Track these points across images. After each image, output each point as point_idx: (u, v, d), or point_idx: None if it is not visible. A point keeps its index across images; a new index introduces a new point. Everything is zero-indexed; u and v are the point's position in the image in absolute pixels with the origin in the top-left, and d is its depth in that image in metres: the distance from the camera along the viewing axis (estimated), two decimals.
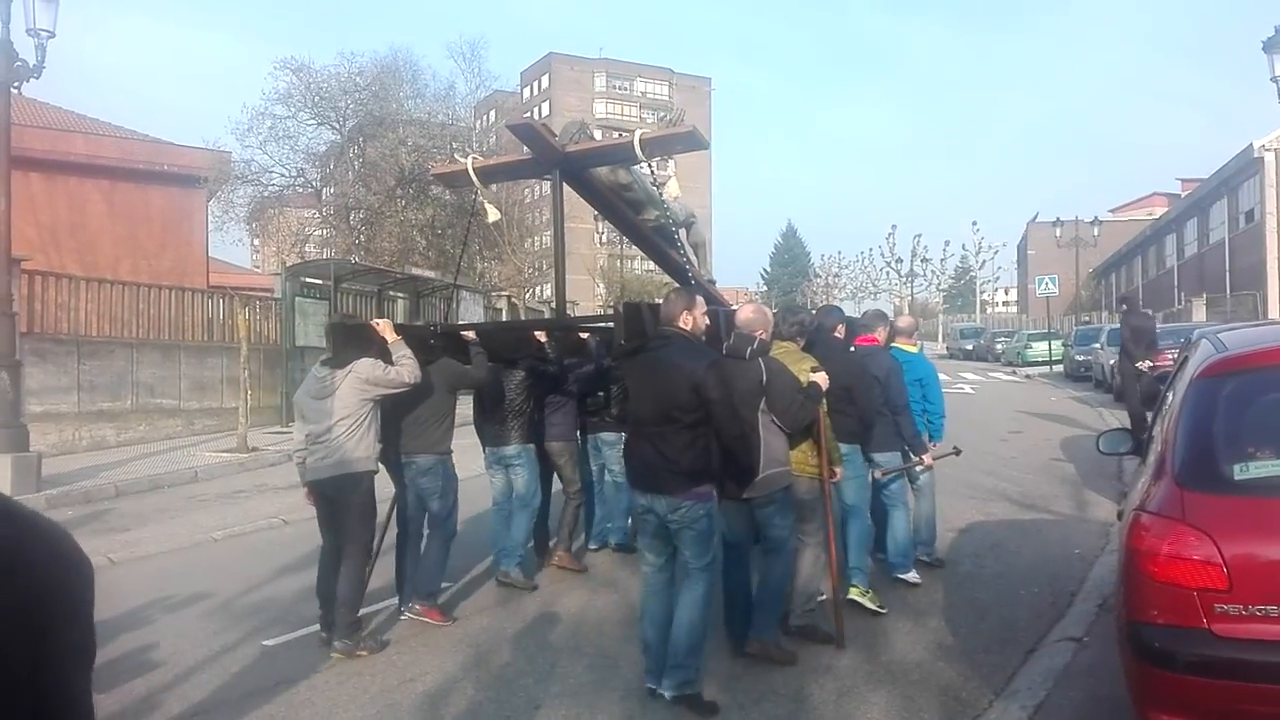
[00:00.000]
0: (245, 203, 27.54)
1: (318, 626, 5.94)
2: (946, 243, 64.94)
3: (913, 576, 6.76)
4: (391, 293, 20.56)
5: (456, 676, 5.29)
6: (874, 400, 6.33)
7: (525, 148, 6.75)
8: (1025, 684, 4.85)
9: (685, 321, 4.87)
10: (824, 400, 5.42)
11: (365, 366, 5.74)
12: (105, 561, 8.31)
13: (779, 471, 5.22)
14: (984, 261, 62.46)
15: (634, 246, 9.88)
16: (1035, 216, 58.80)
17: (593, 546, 7.91)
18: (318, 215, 30.10)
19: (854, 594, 6.15)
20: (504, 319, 24.96)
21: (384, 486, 6.21)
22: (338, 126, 27.61)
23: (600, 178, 7.07)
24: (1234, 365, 3.45)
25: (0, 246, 11.09)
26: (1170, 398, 3.91)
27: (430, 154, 28.75)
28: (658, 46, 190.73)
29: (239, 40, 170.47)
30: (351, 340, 5.92)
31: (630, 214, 7.43)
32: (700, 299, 5.09)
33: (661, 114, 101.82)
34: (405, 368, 5.85)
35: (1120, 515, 3.94)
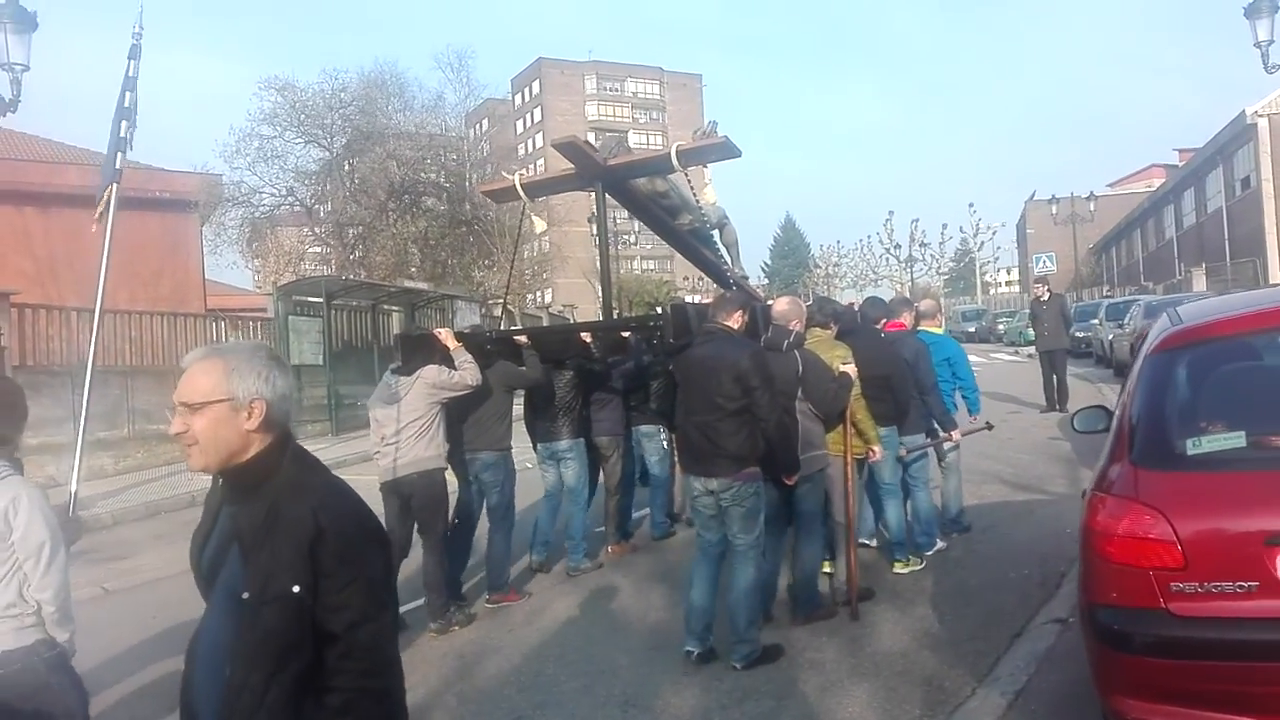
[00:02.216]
0: (237, 225, 27.57)
1: None
2: (944, 226, 64.44)
3: (939, 545, 7.11)
4: (386, 306, 20.54)
5: (439, 690, 5.26)
6: (908, 385, 6.70)
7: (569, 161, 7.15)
8: (1008, 670, 4.81)
9: (735, 321, 5.34)
10: (856, 386, 5.82)
11: (432, 373, 6.24)
12: (100, 592, 8.29)
13: (816, 455, 5.67)
14: (982, 243, 62.26)
15: (629, 247, 10.45)
16: (1033, 195, 58.64)
17: (632, 531, 8.25)
18: (312, 233, 30.11)
19: (898, 568, 6.66)
20: (501, 326, 24.96)
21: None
22: (325, 144, 27.59)
23: (638, 187, 7.53)
24: (1187, 339, 3.39)
25: None
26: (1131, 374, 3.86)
27: (421, 166, 28.78)
28: (647, 46, 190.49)
29: (221, 62, 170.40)
30: (418, 349, 6.44)
31: (667, 219, 7.89)
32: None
33: (652, 112, 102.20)
34: (467, 372, 6.32)
35: (1085, 495, 3.89)
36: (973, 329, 44.36)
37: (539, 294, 60.24)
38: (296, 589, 1.93)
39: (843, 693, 4.78)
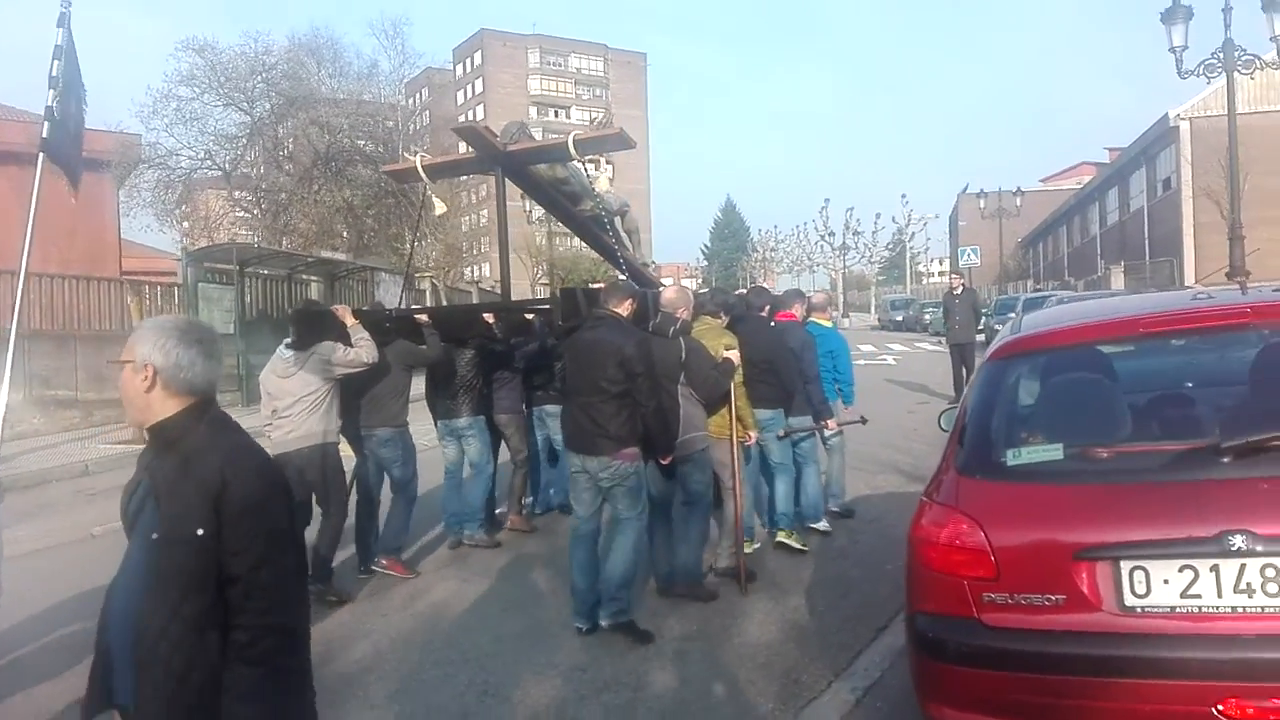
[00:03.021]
0: (151, 187, 26.69)
1: None
2: (877, 215, 65.28)
3: (823, 525, 7.46)
4: (304, 276, 20.09)
5: None
6: (793, 371, 6.96)
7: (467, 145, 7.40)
8: (865, 664, 4.85)
9: (624, 309, 5.54)
10: (737, 372, 6.05)
11: (327, 348, 6.30)
12: None
13: (696, 436, 5.93)
14: (913, 234, 63.13)
15: (562, 226, 10.73)
16: (965, 187, 59.61)
17: (538, 511, 8.49)
18: (239, 197, 29.33)
19: (781, 537, 6.99)
20: (428, 300, 24.68)
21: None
22: (246, 108, 26.81)
23: (539, 173, 7.77)
24: (1021, 348, 3.40)
25: None
26: None
27: (350, 133, 28.16)
28: (592, 23, 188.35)
29: (142, 16, 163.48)
30: (314, 324, 6.45)
31: (568, 205, 8.15)
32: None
33: (595, 89, 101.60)
34: (363, 349, 6.42)
35: None
36: (900, 318, 45.14)
37: (475, 268, 59.60)
38: (200, 531, 2.16)
39: (700, 686, 4.77)
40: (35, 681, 5.13)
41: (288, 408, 6.20)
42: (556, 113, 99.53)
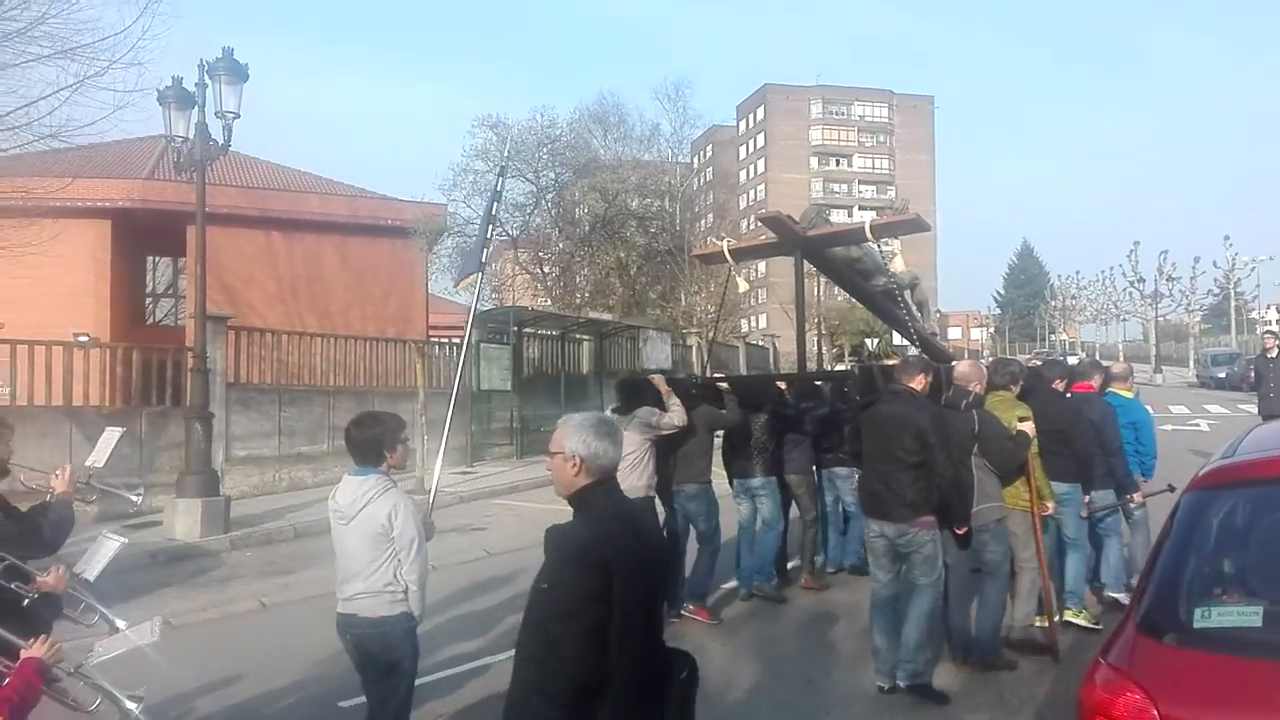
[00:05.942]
0: (448, 253, 29.15)
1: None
2: (1196, 259, 58.34)
3: (1123, 597, 7.02)
4: (576, 335, 21.09)
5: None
6: (1089, 443, 6.94)
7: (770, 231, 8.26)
8: None
9: (917, 383, 5.87)
10: (1033, 444, 6.14)
11: (645, 413, 7.11)
12: (257, 605, 8.84)
13: (991, 506, 6.06)
14: (1239, 279, 56.19)
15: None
16: None
17: (830, 570, 8.76)
18: (524, 260, 31.45)
19: (1069, 615, 6.91)
20: (693, 356, 25.13)
21: None
22: (532, 179, 28.83)
23: (834, 253, 8.33)
24: (1235, 476, 2.83)
25: (197, 306, 12.24)
26: None
27: (630, 195, 29.48)
28: (878, 66, 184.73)
29: (444, 95, 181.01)
30: (635, 392, 7.39)
31: (861, 281, 8.67)
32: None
33: (879, 135, 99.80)
34: (675, 414, 7.15)
35: None
36: (1223, 375, 40.09)
37: (752, 319, 59.99)
38: (545, 585, 2.86)
39: None
40: None
41: None
42: (838, 161, 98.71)
